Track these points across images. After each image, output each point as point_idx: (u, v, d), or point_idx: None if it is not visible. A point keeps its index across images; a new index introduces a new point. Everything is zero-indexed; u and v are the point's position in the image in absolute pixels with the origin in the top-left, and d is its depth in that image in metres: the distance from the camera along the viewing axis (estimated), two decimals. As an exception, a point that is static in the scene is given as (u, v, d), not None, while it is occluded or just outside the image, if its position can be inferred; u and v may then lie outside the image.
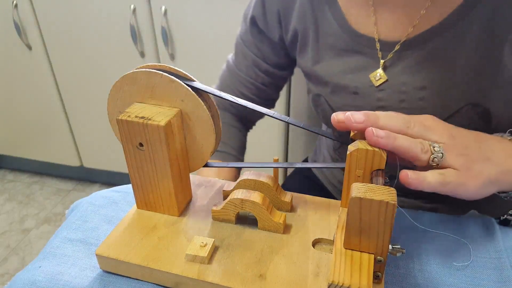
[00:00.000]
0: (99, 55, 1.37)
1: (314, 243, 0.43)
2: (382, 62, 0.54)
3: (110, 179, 1.80)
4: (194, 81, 0.43)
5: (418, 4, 0.51)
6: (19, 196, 1.78)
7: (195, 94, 0.41)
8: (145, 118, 0.40)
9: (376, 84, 0.55)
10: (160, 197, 0.46)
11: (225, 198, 0.47)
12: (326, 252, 0.42)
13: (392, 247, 0.36)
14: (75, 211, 0.52)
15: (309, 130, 0.44)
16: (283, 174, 1.43)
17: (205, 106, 0.42)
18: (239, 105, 0.44)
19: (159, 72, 0.41)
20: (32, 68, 1.47)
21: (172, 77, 0.41)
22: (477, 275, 0.42)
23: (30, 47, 1.43)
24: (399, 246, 0.36)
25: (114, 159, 1.62)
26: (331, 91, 0.59)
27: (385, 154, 0.38)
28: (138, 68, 0.43)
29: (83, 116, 1.55)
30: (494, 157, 0.43)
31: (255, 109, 0.44)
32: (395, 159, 0.40)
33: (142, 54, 1.33)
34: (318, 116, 0.66)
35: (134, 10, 1.24)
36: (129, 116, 0.41)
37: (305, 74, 0.65)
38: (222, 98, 0.43)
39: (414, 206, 0.62)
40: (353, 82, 0.56)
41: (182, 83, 0.41)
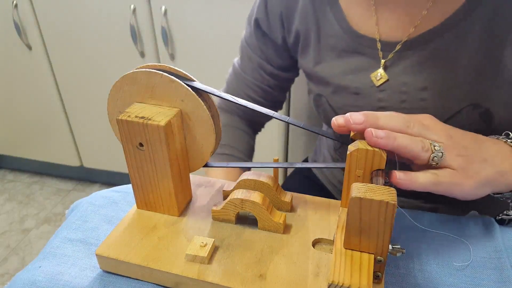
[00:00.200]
0: (99, 55, 1.37)
1: (314, 243, 0.43)
2: (383, 62, 0.54)
3: (110, 179, 1.80)
4: (194, 81, 0.43)
5: (420, 4, 0.51)
6: (19, 196, 1.78)
7: (195, 94, 0.41)
8: (145, 118, 0.40)
9: (377, 84, 0.55)
10: (160, 197, 0.46)
11: (225, 198, 0.47)
12: (326, 252, 0.42)
13: (392, 247, 0.36)
14: (75, 211, 0.52)
15: (309, 130, 0.44)
16: (283, 174, 1.43)
17: (205, 106, 0.42)
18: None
19: (159, 72, 0.41)
20: (32, 68, 1.47)
21: (172, 77, 0.41)
22: (477, 275, 0.42)
23: (30, 47, 1.43)
24: (399, 246, 0.36)
25: (114, 159, 1.62)
26: (333, 92, 0.59)
27: (385, 154, 0.38)
28: (138, 68, 0.43)
29: (83, 116, 1.55)
30: (490, 158, 0.43)
31: (255, 109, 0.44)
32: (394, 157, 0.40)
33: (142, 54, 1.33)
34: (319, 116, 0.66)
35: (134, 10, 1.24)
36: (129, 116, 0.41)
37: (306, 74, 0.65)
38: (222, 98, 0.43)
39: (414, 206, 0.62)
40: (354, 83, 0.56)
41: (182, 83, 0.41)
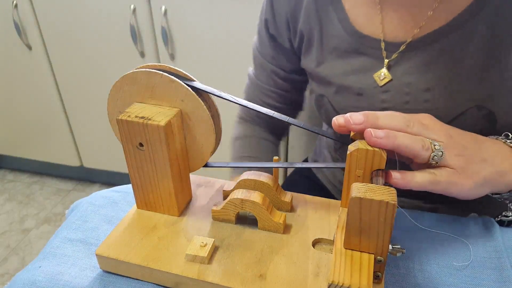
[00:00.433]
0: (99, 55, 1.37)
1: (314, 243, 0.43)
2: (387, 61, 0.53)
3: (110, 179, 1.80)
4: (194, 81, 0.43)
5: (426, 4, 0.51)
6: (19, 196, 1.78)
7: (195, 94, 0.41)
8: (145, 118, 0.40)
9: (380, 84, 0.54)
10: (160, 197, 0.46)
11: (225, 198, 0.47)
12: (326, 252, 0.42)
13: (392, 247, 0.36)
14: (75, 211, 0.52)
15: (309, 130, 0.44)
16: (283, 174, 1.43)
17: (205, 106, 0.42)
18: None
19: (159, 72, 0.41)
20: (32, 68, 1.47)
21: (172, 77, 0.41)
22: (477, 275, 0.42)
23: (30, 47, 1.43)
24: (399, 246, 0.36)
25: (114, 159, 1.62)
26: (335, 92, 0.59)
27: (385, 154, 0.38)
28: (138, 68, 0.43)
29: (83, 116, 1.55)
30: (490, 158, 0.43)
31: (255, 109, 0.44)
32: (394, 156, 0.40)
33: (142, 54, 1.33)
34: (321, 116, 0.66)
35: (134, 10, 1.24)
36: (129, 116, 0.41)
37: (308, 74, 0.65)
38: (222, 98, 0.43)
39: (414, 206, 0.62)
40: (357, 83, 0.56)
41: (182, 83, 0.41)
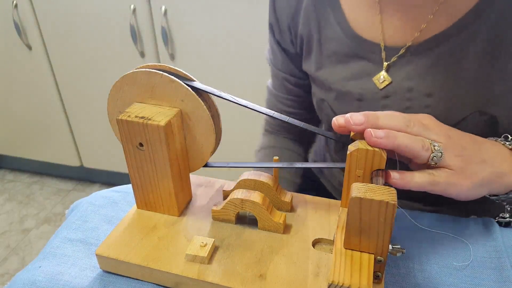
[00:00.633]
0: (99, 55, 1.37)
1: (314, 243, 0.43)
2: (386, 64, 0.53)
3: (110, 179, 1.80)
4: (194, 81, 0.43)
5: (426, 8, 0.50)
6: (19, 196, 1.78)
7: (195, 94, 0.41)
8: (145, 118, 0.40)
9: (380, 86, 0.54)
10: (160, 197, 0.46)
11: (225, 198, 0.47)
12: (326, 252, 0.42)
13: (392, 247, 0.36)
14: (75, 211, 0.52)
15: (309, 130, 0.44)
16: (283, 174, 1.42)
17: (205, 106, 0.42)
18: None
19: (159, 72, 0.41)
20: (32, 68, 1.47)
21: (172, 77, 0.41)
22: (477, 275, 0.42)
23: (30, 47, 1.43)
24: (399, 246, 0.36)
25: (114, 159, 1.62)
26: (335, 97, 0.58)
27: (385, 154, 0.38)
28: (138, 68, 0.43)
29: (83, 116, 1.55)
30: (488, 159, 0.43)
31: (256, 109, 0.44)
32: (394, 156, 0.40)
33: (142, 54, 1.33)
34: (322, 120, 0.65)
35: (134, 10, 1.24)
36: (129, 116, 0.41)
37: (310, 78, 0.64)
38: (222, 98, 0.43)
39: (414, 209, 0.62)
40: (357, 89, 0.55)
41: (182, 83, 0.41)
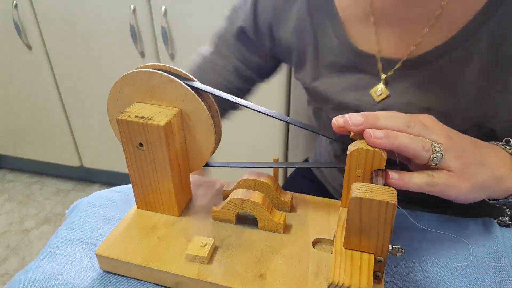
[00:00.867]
0: (99, 55, 1.37)
1: (314, 243, 0.43)
2: (384, 76, 0.52)
3: (110, 179, 1.80)
4: (194, 81, 0.43)
5: (421, 23, 0.50)
6: (19, 196, 1.78)
7: (195, 94, 0.41)
8: (145, 118, 0.40)
9: (377, 99, 0.53)
10: (160, 197, 0.46)
11: (225, 198, 0.47)
12: (326, 252, 0.42)
13: (392, 247, 0.36)
14: (75, 211, 0.52)
15: (309, 130, 0.44)
16: (283, 174, 1.43)
17: (205, 106, 0.42)
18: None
19: (159, 72, 0.41)
20: (32, 68, 1.47)
21: (172, 77, 0.41)
22: (477, 275, 0.42)
23: (30, 47, 1.43)
24: (399, 246, 0.36)
25: (114, 159, 1.62)
26: (333, 108, 0.58)
27: (385, 154, 0.38)
28: (138, 68, 0.43)
29: (83, 116, 1.55)
30: (488, 163, 0.43)
31: (256, 109, 0.44)
32: (394, 156, 0.40)
33: (142, 54, 1.33)
34: (319, 127, 0.65)
35: (134, 10, 1.24)
36: (129, 116, 0.41)
37: (304, 88, 0.64)
38: (222, 98, 0.43)
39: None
40: (354, 100, 0.55)
41: (182, 83, 0.41)
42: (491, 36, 0.47)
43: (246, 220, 0.46)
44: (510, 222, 0.50)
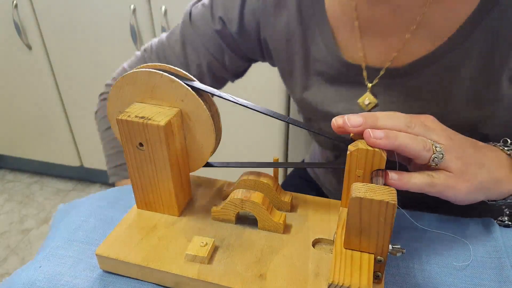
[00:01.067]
0: (99, 55, 1.37)
1: (314, 243, 0.43)
2: (369, 85, 0.52)
3: (110, 179, 1.80)
4: (194, 81, 0.43)
5: (404, 30, 0.49)
6: (19, 196, 1.78)
7: (195, 94, 0.41)
8: (145, 118, 0.41)
9: (366, 109, 0.53)
10: (160, 197, 0.46)
11: (225, 198, 0.47)
12: (326, 252, 0.42)
13: (392, 247, 0.36)
14: (76, 211, 0.52)
15: (309, 130, 0.44)
16: (283, 174, 1.43)
17: (205, 106, 0.42)
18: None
19: (159, 72, 0.41)
20: (32, 68, 1.47)
21: (172, 77, 0.41)
22: (477, 275, 0.42)
23: (30, 47, 1.43)
24: (399, 246, 0.36)
25: (114, 159, 1.62)
26: (323, 119, 0.57)
27: (385, 154, 0.38)
28: (138, 68, 0.43)
29: (83, 116, 1.55)
30: (487, 164, 0.43)
31: (256, 109, 0.44)
32: (394, 156, 0.40)
33: (142, 54, 1.33)
34: (311, 135, 0.64)
35: (134, 10, 1.24)
36: (129, 116, 0.41)
37: (294, 100, 0.62)
38: (222, 98, 0.43)
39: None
40: (343, 111, 0.54)
41: (182, 83, 0.41)
42: (484, 42, 0.47)
43: (246, 220, 0.46)
44: (509, 222, 0.50)
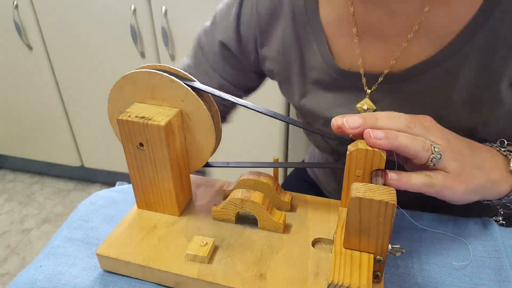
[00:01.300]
0: (99, 55, 1.38)
1: (314, 243, 0.43)
2: (369, 91, 0.52)
3: (110, 179, 1.80)
4: (194, 81, 0.43)
5: (402, 35, 0.49)
6: (19, 196, 1.78)
7: (195, 94, 0.41)
8: (145, 118, 0.41)
9: None
10: (160, 197, 0.46)
11: (225, 198, 0.47)
12: (326, 252, 0.42)
13: (391, 247, 0.36)
14: (76, 211, 0.52)
15: (309, 130, 0.44)
16: (283, 174, 1.43)
17: (205, 106, 0.42)
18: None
19: (160, 72, 0.41)
20: (32, 68, 1.48)
21: (172, 77, 0.41)
22: (476, 275, 0.42)
23: (30, 47, 1.43)
24: (399, 246, 0.36)
25: (114, 159, 1.62)
26: (322, 125, 0.57)
27: (385, 154, 0.38)
28: (138, 68, 0.43)
29: (84, 116, 1.55)
30: (484, 165, 0.43)
31: (256, 109, 0.44)
32: (393, 156, 0.40)
33: (143, 55, 1.33)
34: (310, 140, 0.64)
35: (135, 11, 1.24)
36: (129, 116, 0.41)
37: (293, 106, 0.62)
38: (222, 98, 0.43)
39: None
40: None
41: (183, 83, 0.41)
42: (480, 50, 0.46)
43: (246, 220, 0.46)
44: (504, 222, 0.50)
